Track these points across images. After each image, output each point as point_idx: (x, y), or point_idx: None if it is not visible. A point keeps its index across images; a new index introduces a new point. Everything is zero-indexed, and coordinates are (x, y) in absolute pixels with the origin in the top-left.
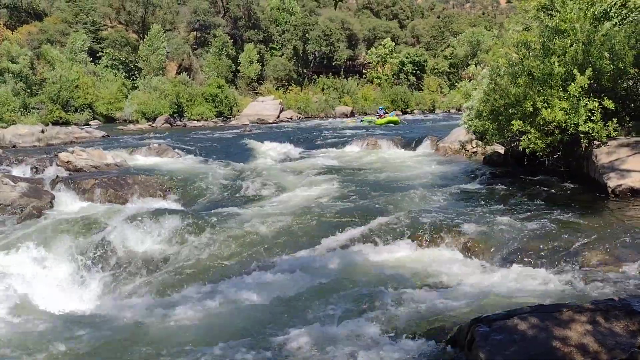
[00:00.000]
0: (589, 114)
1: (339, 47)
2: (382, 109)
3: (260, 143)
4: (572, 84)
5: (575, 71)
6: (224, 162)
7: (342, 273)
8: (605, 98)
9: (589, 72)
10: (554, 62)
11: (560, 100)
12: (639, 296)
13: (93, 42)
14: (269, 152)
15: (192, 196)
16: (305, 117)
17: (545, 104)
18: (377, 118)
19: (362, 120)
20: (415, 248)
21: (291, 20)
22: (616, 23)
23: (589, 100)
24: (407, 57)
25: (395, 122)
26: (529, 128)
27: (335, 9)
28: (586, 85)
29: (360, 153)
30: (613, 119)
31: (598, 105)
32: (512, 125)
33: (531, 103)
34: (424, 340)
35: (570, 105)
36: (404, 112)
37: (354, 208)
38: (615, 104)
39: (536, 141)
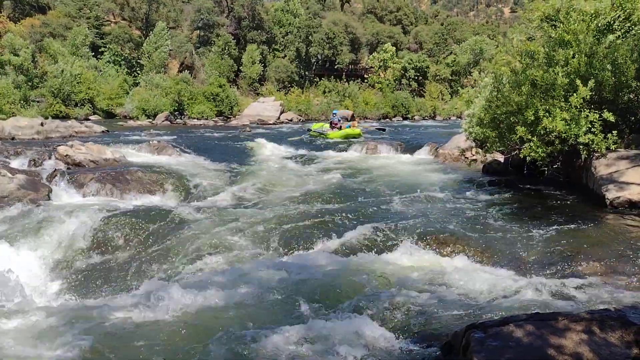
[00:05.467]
0: (590, 126)
1: (341, 50)
2: (335, 113)
3: (260, 144)
4: (574, 94)
5: (578, 82)
6: (222, 161)
7: (338, 276)
8: (605, 110)
9: (591, 83)
10: (558, 72)
11: (561, 110)
12: (634, 307)
13: (96, 37)
14: (268, 153)
15: (189, 194)
16: (305, 120)
17: (547, 114)
18: (331, 129)
19: (309, 130)
20: (412, 253)
21: (295, 22)
22: (619, 36)
23: (589, 112)
24: (409, 63)
25: (356, 136)
26: (529, 137)
27: (342, 9)
28: (588, 97)
29: (359, 157)
30: (613, 132)
31: (598, 117)
32: (516, 131)
33: (532, 112)
34: (418, 344)
35: (571, 116)
36: (405, 118)
37: (351, 212)
38: (616, 117)
39: (537, 150)
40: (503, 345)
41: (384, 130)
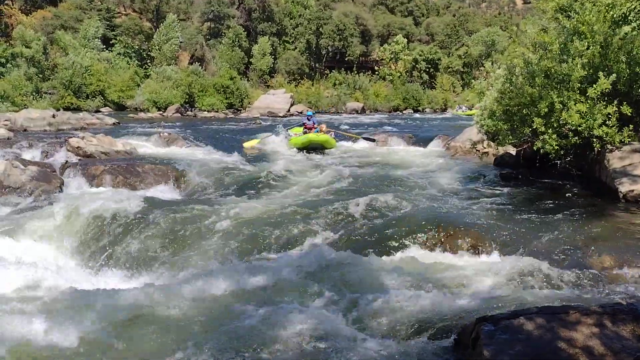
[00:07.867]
0: (605, 118)
1: (352, 42)
2: (311, 115)
3: (270, 136)
4: (592, 86)
5: (601, 74)
6: (233, 153)
7: (346, 270)
8: (624, 103)
9: (612, 77)
10: (576, 63)
11: (576, 103)
12: None
13: (107, 29)
14: (278, 145)
15: (199, 186)
16: (316, 112)
17: (561, 106)
18: (301, 132)
19: (286, 130)
20: (422, 247)
21: (305, 13)
22: (635, 27)
23: (606, 105)
24: (420, 55)
25: (325, 144)
26: (544, 129)
27: (352, 1)
28: (606, 89)
29: (369, 149)
30: (629, 125)
31: (614, 111)
32: (533, 123)
33: (546, 104)
34: (428, 338)
35: (587, 108)
36: (416, 110)
37: (359, 204)
38: (631, 109)
39: (552, 143)
40: (513, 338)
41: (373, 140)
